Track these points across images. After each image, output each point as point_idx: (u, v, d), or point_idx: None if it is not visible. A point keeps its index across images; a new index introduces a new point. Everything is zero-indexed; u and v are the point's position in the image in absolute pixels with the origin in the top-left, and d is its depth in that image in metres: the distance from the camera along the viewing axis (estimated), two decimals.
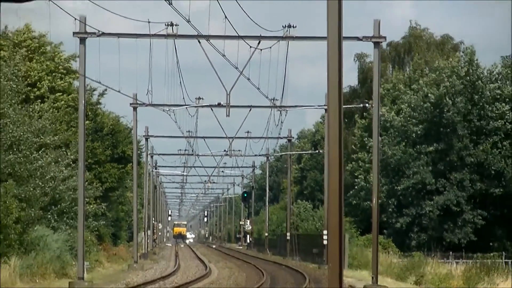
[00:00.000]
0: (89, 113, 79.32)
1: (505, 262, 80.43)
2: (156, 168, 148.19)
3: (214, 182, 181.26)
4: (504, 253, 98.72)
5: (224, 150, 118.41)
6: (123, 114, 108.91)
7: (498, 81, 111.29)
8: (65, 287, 53.32)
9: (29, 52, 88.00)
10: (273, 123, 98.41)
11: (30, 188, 66.11)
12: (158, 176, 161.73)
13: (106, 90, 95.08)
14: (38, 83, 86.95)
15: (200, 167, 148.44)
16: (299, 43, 62.44)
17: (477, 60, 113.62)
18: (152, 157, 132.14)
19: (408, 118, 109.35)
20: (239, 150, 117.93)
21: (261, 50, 58.67)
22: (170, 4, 46.62)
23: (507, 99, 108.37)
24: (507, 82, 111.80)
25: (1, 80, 66.56)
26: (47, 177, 70.15)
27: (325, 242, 68.28)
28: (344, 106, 29.07)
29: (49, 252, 63.30)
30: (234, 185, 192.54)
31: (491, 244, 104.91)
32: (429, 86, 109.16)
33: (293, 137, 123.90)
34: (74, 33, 58.49)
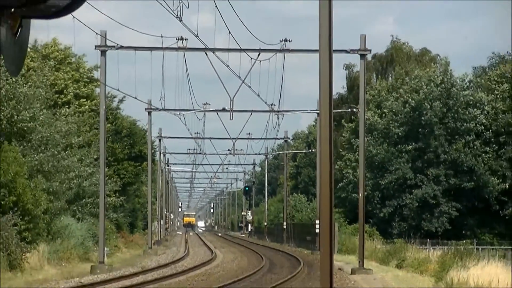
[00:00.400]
0: (109, 116, 79.47)
1: (476, 248, 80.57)
2: (168, 165, 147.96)
3: (219, 178, 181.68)
4: (475, 240, 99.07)
5: (228, 150, 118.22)
6: (139, 118, 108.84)
7: (470, 89, 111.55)
8: (88, 270, 53.41)
9: (56, 63, 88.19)
10: (271, 126, 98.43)
11: (57, 183, 66.40)
12: (169, 172, 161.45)
13: (124, 97, 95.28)
14: (65, 90, 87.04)
15: (207, 164, 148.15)
16: (295, 55, 62.50)
17: (451, 70, 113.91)
18: (164, 155, 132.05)
19: (390, 121, 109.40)
20: (241, 150, 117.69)
21: (260, 61, 58.78)
22: (181, 21, 46.77)
23: (478, 104, 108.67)
24: (478, 89, 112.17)
25: (31, 87, 66.83)
26: (72, 174, 70.46)
27: (317, 230, 68.48)
28: (334, 111, 29.37)
29: (74, 239, 63.45)
30: (237, 180, 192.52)
31: (463, 232, 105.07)
32: (409, 93, 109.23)
33: (289, 138, 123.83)
34: (95, 46, 58.53)
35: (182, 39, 57.10)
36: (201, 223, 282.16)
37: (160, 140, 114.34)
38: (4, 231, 50.24)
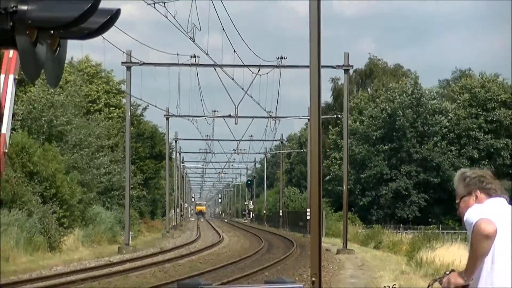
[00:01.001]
0: (134, 122, 79.38)
1: (441, 232, 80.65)
2: (183, 163, 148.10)
3: (225, 173, 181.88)
4: (440, 225, 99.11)
5: (233, 149, 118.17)
6: (159, 123, 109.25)
7: (436, 98, 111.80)
8: (115, 251, 53.43)
9: (89, 77, 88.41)
10: (270, 129, 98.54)
11: (90, 177, 66.57)
12: (184, 169, 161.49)
13: (147, 105, 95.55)
14: (97, 100, 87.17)
15: (215, 162, 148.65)
16: (289, 70, 62.42)
17: (420, 83, 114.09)
18: (180, 154, 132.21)
19: (370, 126, 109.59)
20: (244, 149, 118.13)
21: (260, 75, 58.70)
22: (193, 41, 46.80)
23: (443, 111, 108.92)
24: (443, 99, 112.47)
25: (67, 96, 66.98)
26: (102, 170, 70.62)
27: (308, 217, 68.40)
28: (322, 117, 29.44)
29: (103, 225, 63.53)
30: (240, 175, 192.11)
31: (430, 219, 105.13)
32: (385, 102, 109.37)
33: (284, 140, 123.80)
34: (122, 62, 58.51)
35: (194, 56, 57.13)
36: (216, 209, 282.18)
37: (176, 141, 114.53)
38: (45, 218, 50.38)
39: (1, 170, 5.00)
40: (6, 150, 4.68)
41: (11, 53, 4.85)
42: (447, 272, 7.62)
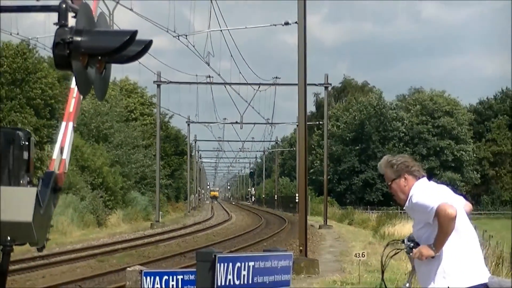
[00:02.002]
0: (163, 127, 79.31)
1: (399, 212, 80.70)
2: (200, 158, 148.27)
3: (233, 166, 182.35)
4: (398, 207, 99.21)
5: (239, 148, 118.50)
6: (181, 128, 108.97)
7: (395, 109, 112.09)
8: (148, 226, 53.38)
9: (128, 92, 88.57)
10: (267, 133, 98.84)
11: (128, 169, 66.67)
12: (201, 163, 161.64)
13: (173, 114, 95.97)
14: (134, 110, 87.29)
15: (225, 157, 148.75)
16: (282, 87, 62.26)
17: (383, 97, 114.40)
18: (198, 152, 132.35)
19: (344, 130, 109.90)
20: (247, 148, 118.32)
21: (260, 91, 58.66)
22: (209, 65, 46.80)
23: (400, 119, 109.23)
24: (400, 109, 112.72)
25: (111, 107, 67.20)
26: (138, 164, 70.74)
27: (297, 200, 68.61)
28: (308, 123, 29.51)
29: (139, 206, 63.57)
30: (245, 168, 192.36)
31: (391, 202, 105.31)
32: (356, 112, 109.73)
33: (279, 141, 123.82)
34: (154, 81, 58.49)
35: (209, 77, 57.11)
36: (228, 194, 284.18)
37: (195, 142, 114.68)
38: (94, 201, 50.48)
39: (61, 185, 4.99)
40: (66, 171, 4.68)
41: (71, 107, 4.79)
42: (406, 242, 7.53)
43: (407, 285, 7.57)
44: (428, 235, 6.95)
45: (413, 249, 7.15)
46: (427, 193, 7.01)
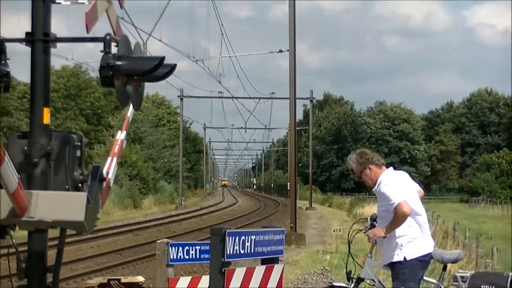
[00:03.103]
0: (185, 131, 79.28)
1: (368, 196, 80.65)
2: (213, 155, 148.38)
3: (239, 162, 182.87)
4: (367, 193, 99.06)
5: (244, 148, 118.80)
6: (199, 132, 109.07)
7: (363, 117, 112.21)
8: (173, 208, 53.34)
9: (157, 104, 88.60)
10: (266, 135, 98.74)
11: (158, 164, 66.66)
12: (214, 159, 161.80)
13: (192, 122, 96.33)
14: (162, 118, 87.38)
15: (233, 155, 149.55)
16: (277, 100, 62.28)
17: (354, 108, 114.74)
18: (212, 150, 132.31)
19: (325, 133, 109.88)
20: (250, 147, 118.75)
21: (260, 103, 58.99)
22: (220, 83, 46.88)
23: (368, 124, 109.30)
24: (369, 118, 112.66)
25: (145, 116, 67.21)
26: (166, 160, 70.72)
27: (288, 188, 68.80)
28: (297, 128, 29.60)
29: (166, 193, 63.56)
30: (248, 163, 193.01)
31: (361, 189, 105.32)
32: (334, 119, 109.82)
33: (275, 142, 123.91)
34: (178, 96, 58.66)
35: (221, 92, 57.12)
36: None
37: (209, 143, 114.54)
38: (131, 188, 50.45)
39: (105, 198, 4.78)
40: (111, 186, 4.56)
41: (118, 141, 4.73)
42: (369, 221, 7.59)
43: (369, 255, 7.60)
44: (386, 216, 7.02)
45: (370, 230, 7.25)
46: (392, 186, 7.02)
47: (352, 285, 7.31)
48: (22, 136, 4.95)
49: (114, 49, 4.88)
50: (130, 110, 6.31)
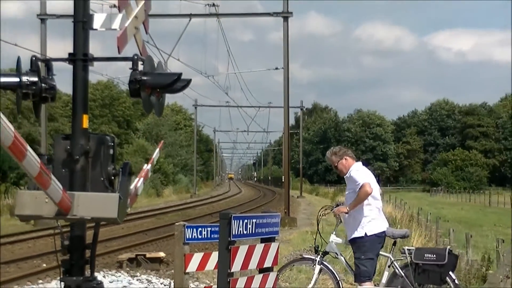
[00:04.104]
0: (198, 134, 79.34)
1: None
2: (221, 153, 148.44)
3: (243, 158, 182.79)
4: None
5: (246, 147, 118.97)
6: (210, 134, 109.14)
7: (346, 123, 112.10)
8: (189, 196, 53.36)
9: (176, 111, 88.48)
10: (264, 137, 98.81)
11: (176, 160, 66.57)
12: (222, 156, 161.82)
13: (204, 125, 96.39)
14: (180, 123, 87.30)
15: (237, 153, 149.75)
16: (274, 109, 62.55)
17: (338, 116, 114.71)
18: (220, 149, 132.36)
19: (313, 136, 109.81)
20: (252, 147, 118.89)
21: (260, 111, 59.09)
22: (227, 94, 46.89)
23: (348, 129, 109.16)
24: (349, 123, 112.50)
25: (165, 120, 67.17)
26: (183, 157, 70.69)
27: (283, 180, 69.03)
28: (290, 131, 29.64)
29: (183, 184, 63.46)
30: (250, 159, 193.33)
31: (342, 181, 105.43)
32: (321, 124, 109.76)
33: (272, 143, 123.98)
34: (192, 105, 58.85)
35: (227, 102, 57.26)
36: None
37: (218, 143, 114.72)
38: (155, 180, 50.39)
39: (133, 203, 4.68)
40: (138, 194, 4.54)
41: (145, 170, 4.71)
42: (334, 205, 7.77)
43: (334, 233, 7.66)
44: (351, 198, 7.23)
45: (335, 208, 7.50)
46: (360, 173, 7.26)
47: (319, 257, 7.37)
48: (65, 138, 4.96)
49: (140, 67, 4.88)
50: (155, 153, 6.35)
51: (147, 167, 6.12)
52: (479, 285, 9.15)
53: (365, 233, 7.02)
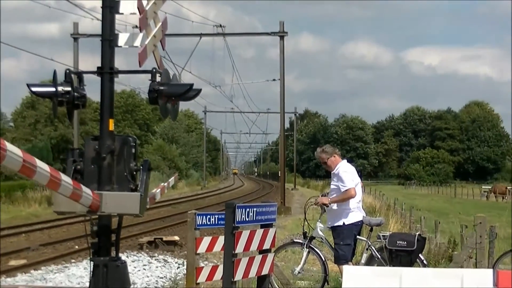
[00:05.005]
0: (207, 136, 79.22)
1: None
2: (227, 152, 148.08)
3: (245, 156, 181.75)
4: None
5: (248, 147, 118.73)
6: (217, 135, 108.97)
7: (333, 127, 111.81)
8: (200, 188, 53.25)
9: (188, 116, 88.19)
10: (263, 138, 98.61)
11: (189, 157, 66.42)
12: (228, 154, 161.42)
13: (212, 128, 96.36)
14: (191, 126, 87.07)
15: (241, 152, 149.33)
16: (271, 114, 62.38)
17: (327, 120, 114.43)
18: (226, 148, 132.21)
19: (305, 137, 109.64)
20: (253, 147, 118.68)
21: (259, 116, 59.11)
22: (232, 102, 46.83)
23: (335, 132, 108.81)
24: (336, 127, 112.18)
25: (179, 124, 67.05)
26: (194, 155, 70.53)
27: (279, 174, 68.98)
28: (285, 133, 29.63)
29: (195, 178, 63.35)
30: (252, 157, 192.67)
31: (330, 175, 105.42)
32: (311, 127, 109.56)
33: (270, 143, 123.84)
34: (202, 111, 58.90)
35: (232, 108, 57.05)
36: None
37: (225, 143, 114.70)
38: (170, 175, 50.22)
39: (152, 204, 4.56)
40: (156, 199, 4.42)
41: (161, 186, 4.65)
42: (322, 194, 7.75)
43: (319, 220, 7.66)
44: (335, 191, 7.25)
45: (318, 198, 7.54)
46: (348, 174, 7.16)
47: (307, 241, 7.40)
48: (94, 139, 4.97)
49: (158, 79, 4.88)
50: (171, 180, 6.40)
51: (164, 185, 6.24)
52: (446, 264, 9.17)
53: (343, 222, 7.03)
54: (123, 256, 5.77)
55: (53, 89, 4.94)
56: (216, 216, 7.57)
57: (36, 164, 3.51)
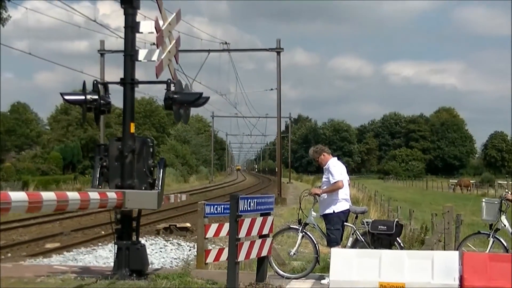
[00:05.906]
0: (214, 137, 78.93)
1: None
2: (232, 151, 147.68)
3: (247, 155, 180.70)
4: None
5: (250, 146, 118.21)
6: (223, 137, 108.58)
7: (322, 129, 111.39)
8: (208, 183, 52.97)
9: (198, 120, 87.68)
10: (263, 139, 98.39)
11: (199, 155, 66.10)
12: (232, 153, 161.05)
13: (219, 131, 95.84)
14: (201, 129, 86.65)
15: (243, 152, 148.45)
16: (270, 118, 62.26)
17: (317, 124, 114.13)
18: (231, 148, 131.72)
19: (298, 138, 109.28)
20: (254, 147, 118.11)
21: (259, 120, 58.84)
22: (236, 108, 46.67)
23: (323, 134, 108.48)
24: (324, 129, 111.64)
25: (191, 127, 66.77)
26: (203, 153, 70.22)
27: (276, 170, 68.79)
28: (282, 135, 29.61)
29: (203, 173, 62.93)
30: (253, 156, 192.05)
31: (321, 171, 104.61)
32: (304, 130, 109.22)
33: (268, 144, 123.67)
34: (210, 115, 58.73)
35: (236, 113, 56.89)
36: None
37: (229, 143, 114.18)
38: (183, 170, 50.02)
39: (166, 204, 4.34)
40: (171, 202, 4.31)
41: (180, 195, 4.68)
42: (316, 187, 7.74)
43: (312, 209, 7.66)
44: (326, 183, 7.19)
45: (311, 189, 7.47)
46: (337, 168, 7.19)
47: (301, 227, 7.41)
48: (118, 140, 4.97)
49: (172, 88, 4.88)
50: (183, 196, 6.47)
51: (179, 195, 6.37)
52: (419, 246, 9.17)
53: (333, 210, 7.07)
54: (142, 240, 5.74)
55: (82, 97, 4.95)
56: (222, 206, 7.57)
57: (41, 200, 3.49)
